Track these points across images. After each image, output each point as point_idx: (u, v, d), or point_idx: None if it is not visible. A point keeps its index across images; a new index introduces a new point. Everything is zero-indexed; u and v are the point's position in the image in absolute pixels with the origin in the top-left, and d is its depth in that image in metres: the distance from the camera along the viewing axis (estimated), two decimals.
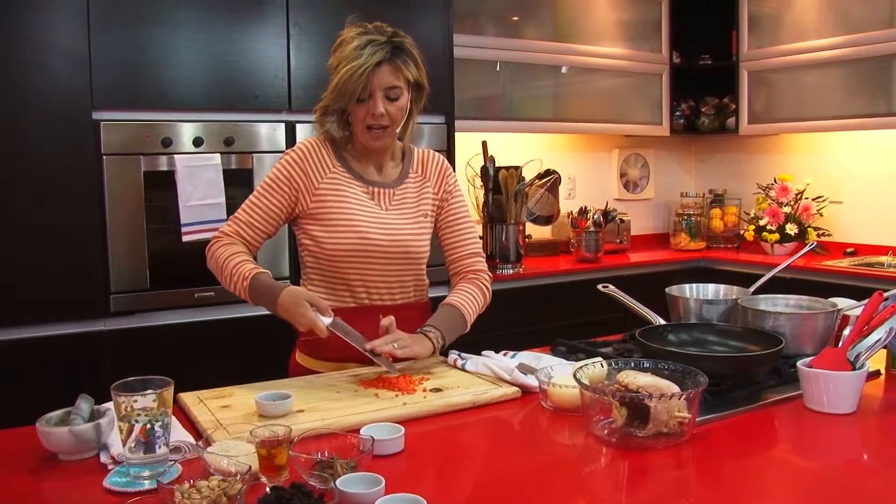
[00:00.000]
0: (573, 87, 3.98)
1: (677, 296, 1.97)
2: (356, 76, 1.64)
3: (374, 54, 1.64)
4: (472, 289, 1.87)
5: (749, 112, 4.07)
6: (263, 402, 1.44)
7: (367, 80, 1.65)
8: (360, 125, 1.72)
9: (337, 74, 1.67)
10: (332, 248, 1.74)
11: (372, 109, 1.68)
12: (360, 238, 1.74)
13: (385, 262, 1.78)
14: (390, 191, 1.81)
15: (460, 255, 1.90)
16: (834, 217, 3.94)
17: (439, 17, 3.17)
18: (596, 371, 1.50)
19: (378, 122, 1.70)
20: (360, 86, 1.65)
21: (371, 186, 1.80)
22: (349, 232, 1.73)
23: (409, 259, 1.81)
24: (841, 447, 1.40)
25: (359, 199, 1.77)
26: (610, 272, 3.71)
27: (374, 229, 1.75)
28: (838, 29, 3.65)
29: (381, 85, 1.67)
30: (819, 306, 1.84)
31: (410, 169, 1.87)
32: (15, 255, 2.47)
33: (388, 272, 1.80)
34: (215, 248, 1.76)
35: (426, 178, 1.88)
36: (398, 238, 1.78)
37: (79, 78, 2.52)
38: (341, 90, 1.67)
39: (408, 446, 1.32)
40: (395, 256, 1.78)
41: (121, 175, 2.60)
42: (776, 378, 1.63)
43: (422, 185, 1.86)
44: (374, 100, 1.68)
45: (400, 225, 1.79)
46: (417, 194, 1.85)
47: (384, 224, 1.77)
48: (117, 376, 1.37)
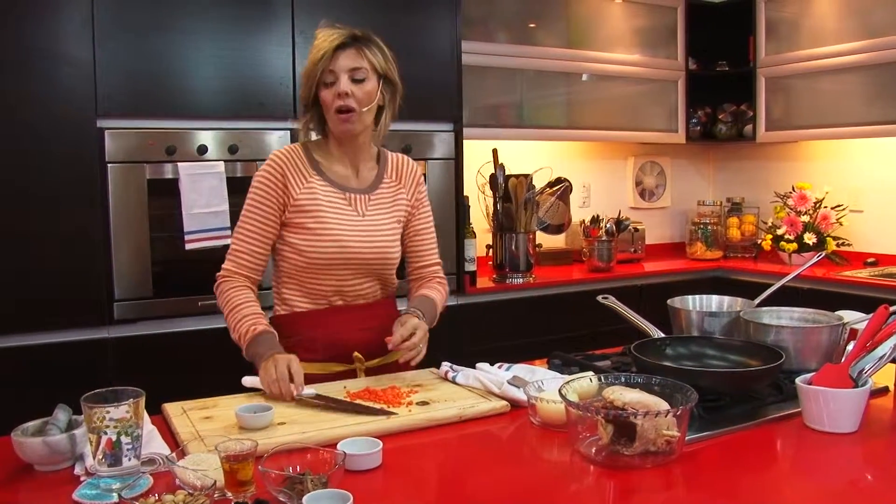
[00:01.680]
0: (587, 95, 3.93)
1: (679, 308, 1.91)
2: (318, 59, 1.71)
3: (334, 40, 1.72)
4: (437, 287, 1.93)
5: (766, 119, 3.99)
6: (243, 415, 1.41)
7: (329, 63, 1.71)
8: (331, 110, 1.74)
9: (307, 66, 1.75)
10: (312, 256, 1.76)
11: (337, 89, 1.71)
12: (340, 247, 1.76)
13: (362, 269, 1.80)
14: (366, 196, 1.83)
15: (425, 264, 1.95)
16: (854, 226, 3.84)
17: (447, 24, 3.14)
18: (586, 386, 1.45)
19: (345, 103, 1.71)
20: (321, 68, 1.71)
21: (348, 193, 1.81)
22: (328, 241, 1.75)
23: (384, 264, 1.83)
24: (841, 468, 1.34)
25: (337, 207, 1.78)
26: (622, 282, 3.66)
27: (353, 237, 1.77)
28: (857, 34, 3.57)
29: (344, 67, 1.72)
30: (825, 319, 1.77)
31: (385, 174, 1.88)
32: (19, 262, 2.48)
33: (364, 277, 1.82)
34: (222, 290, 1.78)
35: (401, 183, 1.89)
36: (375, 245, 1.80)
37: (83, 86, 2.52)
38: (307, 76, 1.74)
39: (386, 462, 1.28)
40: (372, 262, 1.81)
41: (125, 183, 2.60)
42: (776, 394, 1.58)
43: (396, 190, 1.88)
44: (339, 81, 1.71)
45: (376, 231, 1.81)
46: (392, 200, 1.87)
47: (361, 231, 1.79)
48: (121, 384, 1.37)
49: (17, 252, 2.47)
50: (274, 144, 2.80)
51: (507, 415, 1.54)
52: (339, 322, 1.80)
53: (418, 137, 3.10)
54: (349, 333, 1.80)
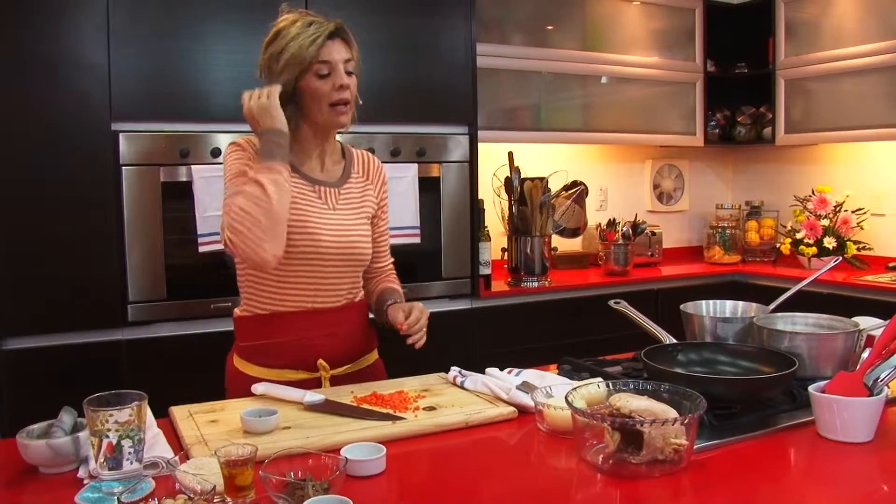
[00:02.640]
0: (604, 97, 3.90)
1: (692, 313, 1.88)
2: (311, 43, 1.61)
3: (321, 27, 1.63)
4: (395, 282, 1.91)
5: (786, 121, 3.94)
6: (248, 419, 1.41)
7: (321, 52, 1.62)
8: (324, 102, 1.65)
9: (286, 53, 1.62)
10: (288, 253, 1.62)
11: (338, 81, 1.63)
12: (313, 240, 1.67)
13: (334, 266, 1.72)
14: (336, 190, 1.75)
15: (384, 264, 1.92)
16: (875, 230, 3.78)
17: (462, 27, 3.13)
18: (594, 392, 1.43)
19: (343, 96, 1.65)
20: (314, 52, 1.61)
21: (316, 185, 1.73)
22: (300, 234, 1.65)
23: (356, 261, 1.76)
24: (856, 478, 1.31)
25: (307, 198, 1.70)
26: (639, 286, 3.62)
27: (325, 230, 1.69)
28: (879, 34, 3.51)
29: (339, 57, 1.64)
30: (841, 326, 1.74)
31: (353, 169, 1.82)
32: (34, 264, 2.50)
33: (336, 274, 1.73)
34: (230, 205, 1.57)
35: (369, 180, 1.84)
36: (348, 239, 1.73)
37: (98, 89, 2.54)
38: (292, 62, 1.61)
39: (391, 468, 1.27)
40: (345, 258, 1.73)
41: (139, 186, 2.62)
42: (790, 402, 1.54)
43: (364, 187, 1.82)
44: (338, 71, 1.64)
45: (348, 225, 1.74)
46: (361, 196, 1.80)
47: (333, 224, 1.71)
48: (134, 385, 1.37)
49: (31, 254, 2.49)
50: None
51: (515, 421, 1.52)
52: (303, 326, 1.71)
53: (433, 140, 3.09)
54: (314, 339, 1.71)
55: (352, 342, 1.77)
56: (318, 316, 1.72)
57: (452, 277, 3.17)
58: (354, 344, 1.78)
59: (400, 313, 1.69)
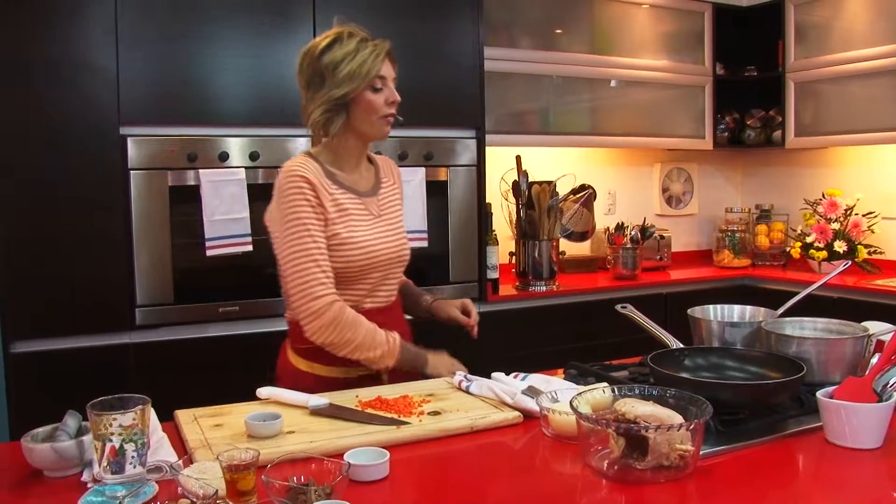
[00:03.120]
0: (613, 101, 3.89)
1: (699, 318, 1.87)
2: (373, 60, 1.73)
3: (379, 46, 1.76)
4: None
5: (796, 124, 3.91)
6: (252, 423, 1.41)
7: (381, 66, 1.74)
8: (376, 114, 1.76)
9: (347, 65, 1.72)
10: (343, 267, 1.75)
11: (391, 97, 1.77)
12: (367, 254, 1.78)
13: (386, 269, 1.84)
14: (375, 198, 1.86)
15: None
16: (887, 234, 3.75)
17: (470, 31, 3.13)
18: (599, 397, 1.42)
19: (393, 110, 1.79)
20: (376, 69, 1.73)
21: (363, 197, 1.83)
22: (360, 251, 1.77)
23: (402, 261, 1.89)
24: (864, 485, 1.29)
25: (360, 214, 1.80)
26: (647, 290, 3.61)
27: (376, 241, 1.80)
28: (889, 37, 3.48)
29: (391, 75, 1.79)
30: (850, 331, 1.72)
31: (382, 174, 1.92)
32: (42, 267, 2.51)
33: (387, 277, 1.86)
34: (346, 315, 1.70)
35: (395, 182, 1.96)
36: (395, 244, 1.85)
37: (106, 93, 2.56)
38: (355, 75, 1.71)
39: (394, 472, 1.27)
40: (394, 261, 1.85)
41: (147, 190, 2.62)
42: (798, 408, 1.53)
43: (392, 190, 1.93)
44: (391, 87, 1.78)
45: (391, 231, 1.86)
46: (393, 199, 1.92)
47: (381, 233, 1.82)
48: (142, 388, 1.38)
49: (39, 257, 2.50)
50: (295, 151, 2.81)
51: (520, 426, 1.52)
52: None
53: (440, 144, 3.09)
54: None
55: (403, 337, 1.82)
56: (371, 316, 1.78)
57: (460, 281, 3.16)
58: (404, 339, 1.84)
59: (456, 311, 1.94)
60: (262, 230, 2.71)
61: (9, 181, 2.47)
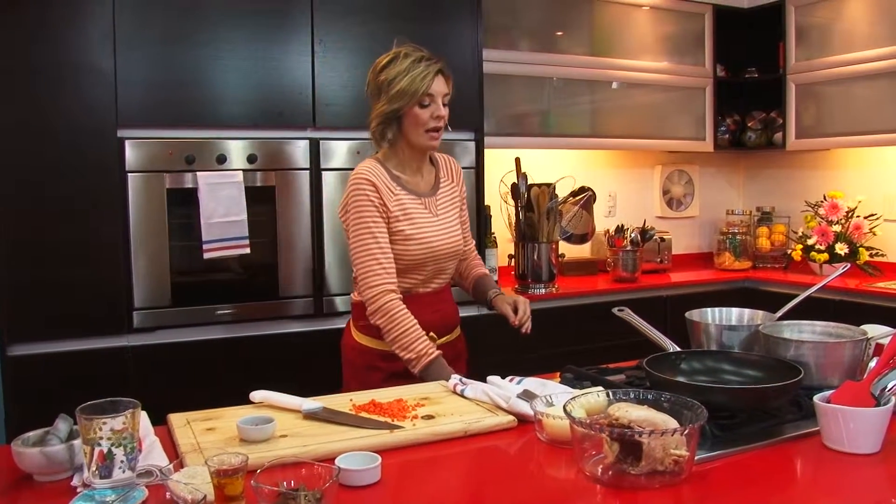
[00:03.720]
0: (613, 102, 3.88)
1: (697, 321, 1.86)
2: (421, 79, 1.91)
3: (430, 65, 1.93)
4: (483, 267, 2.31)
5: (797, 126, 3.90)
6: (244, 427, 1.40)
7: (430, 84, 1.92)
8: (422, 128, 1.95)
9: (399, 83, 1.91)
10: (406, 260, 1.99)
11: (436, 112, 1.95)
12: (427, 249, 2.01)
13: (442, 260, 2.06)
14: (434, 198, 2.07)
15: (469, 248, 2.25)
16: (889, 236, 3.73)
17: (469, 33, 3.12)
18: (593, 402, 1.41)
19: (439, 124, 1.96)
20: (423, 87, 1.91)
21: (423, 198, 2.04)
22: (419, 246, 2.00)
23: (456, 255, 2.11)
24: (861, 491, 1.28)
25: (420, 213, 2.01)
26: (648, 293, 3.59)
27: (434, 238, 2.02)
28: (890, 39, 3.47)
29: (440, 91, 1.95)
30: (848, 334, 1.71)
31: (441, 174, 2.12)
32: (39, 270, 2.50)
33: (443, 267, 2.08)
34: (394, 308, 1.93)
35: (453, 181, 2.15)
36: (449, 240, 2.06)
37: (104, 96, 2.55)
38: (404, 93, 1.91)
39: (386, 477, 1.26)
40: (449, 255, 2.07)
41: (145, 192, 2.62)
42: (795, 412, 1.52)
43: (451, 188, 2.13)
44: (437, 103, 1.95)
45: (448, 228, 2.06)
46: (451, 197, 2.12)
47: (438, 230, 2.03)
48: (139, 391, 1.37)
49: (36, 260, 2.50)
50: (293, 153, 2.81)
51: (515, 430, 1.50)
52: (414, 308, 1.97)
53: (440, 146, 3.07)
54: (424, 315, 1.99)
55: (450, 317, 2.12)
56: (426, 298, 2.06)
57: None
58: (451, 318, 2.13)
59: (507, 307, 2.11)
60: (259, 233, 2.74)
61: (7, 183, 2.46)
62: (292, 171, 2.81)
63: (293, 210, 2.81)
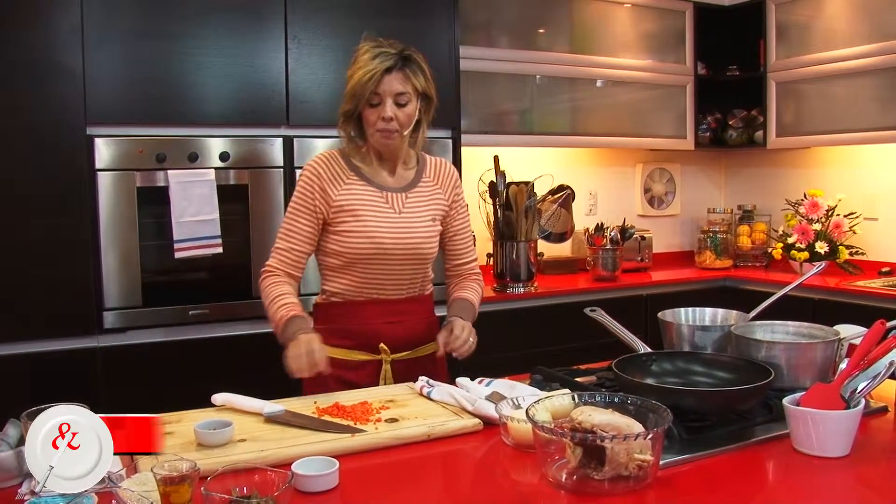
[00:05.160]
0: (593, 100, 3.85)
1: (669, 321, 1.84)
2: (366, 80, 1.78)
3: (383, 62, 1.79)
4: (473, 286, 2.06)
5: (778, 124, 3.89)
6: (201, 431, 1.36)
7: (377, 85, 1.79)
8: (372, 128, 1.84)
9: (351, 81, 1.82)
10: (350, 253, 1.86)
11: (382, 113, 1.81)
12: (375, 244, 1.85)
13: (397, 263, 1.89)
14: (403, 194, 1.92)
15: (463, 261, 2.07)
16: (868, 234, 3.73)
17: (445, 30, 3.09)
18: (559, 404, 1.38)
19: (387, 126, 1.82)
20: (369, 89, 1.79)
21: (384, 191, 1.90)
22: (364, 239, 1.85)
23: (418, 259, 1.92)
24: (830, 494, 1.26)
25: (374, 203, 1.88)
26: (627, 292, 3.57)
27: (387, 234, 1.86)
28: (871, 37, 3.46)
29: (390, 91, 1.80)
30: (821, 334, 1.69)
31: (424, 174, 1.99)
32: (7, 269, 2.45)
33: (399, 271, 1.91)
34: (264, 285, 1.88)
35: (438, 184, 1.99)
36: (410, 241, 1.89)
37: (73, 93, 2.50)
38: (353, 94, 1.82)
39: (344, 483, 1.23)
40: (406, 257, 1.90)
41: (115, 191, 2.57)
42: (766, 414, 1.50)
43: (433, 191, 1.98)
44: (384, 104, 1.81)
45: (412, 227, 1.90)
46: (429, 198, 1.96)
47: (397, 227, 1.88)
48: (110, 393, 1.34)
49: (4, 259, 2.44)
50: (266, 151, 2.76)
51: (480, 433, 1.48)
52: (369, 314, 1.89)
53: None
54: (378, 325, 1.89)
55: (413, 331, 1.94)
56: (382, 305, 1.91)
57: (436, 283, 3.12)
58: (416, 332, 1.94)
59: (444, 332, 1.89)
60: (232, 232, 2.70)
61: None
62: (266, 169, 2.77)
63: (267, 209, 2.77)
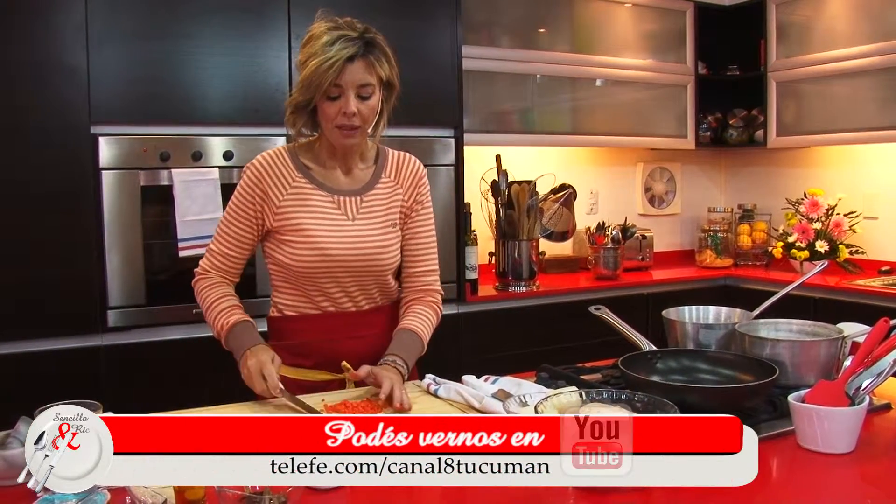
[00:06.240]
0: (594, 100, 3.87)
1: (674, 319, 1.85)
2: (325, 70, 1.55)
3: (345, 49, 1.56)
4: (426, 311, 1.80)
5: (778, 124, 3.90)
6: None
7: (338, 76, 1.56)
8: (330, 124, 1.62)
9: (305, 69, 1.59)
10: (295, 265, 1.69)
11: (344, 108, 1.59)
12: (322, 256, 1.68)
13: (348, 275, 1.72)
14: (358, 198, 1.73)
15: (419, 272, 1.82)
16: (868, 233, 3.75)
17: (448, 29, 3.10)
18: (566, 402, 1.39)
19: (349, 122, 1.61)
20: (328, 80, 1.55)
21: (336, 196, 1.71)
22: (309, 250, 1.67)
23: (373, 270, 1.73)
24: (836, 491, 1.27)
25: (322, 211, 1.69)
26: (629, 290, 3.59)
27: (337, 245, 1.68)
28: (871, 36, 3.48)
29: (353, 82, 1.58)
30: (824, 332, 1.70)
31: (383, 173, 1.77)
32: (12, 269, 2.46)
33: (351, 284, 1.73)
34: (198, 289, 1.76)
35: (398, 184, 1.78)
36: (363, 251, 1.71)
37: (77, 93, 2.51)
38: (308, 85, 1.58)
39: None
40: (359, 269, 1.72)
41: (119, 190, 2.58)
42: (771, 411, 1.51)
43: (393, 191, 1.77)
44: (347, 98, 1.59)
45: (365, 236, 1.71)
46: (387, 201, 1.76)
47: (349, 237, 1.70)
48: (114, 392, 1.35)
49: (9, 258, 2.45)
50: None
51: None
52: (328, 329, 1.73)
53: (418, 143, 3.05)
54: (339, 342, 1.72)
55: (379, 345, 1.72)
56: (342, 319, 1.74)
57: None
58: (382, 347, 1.72)
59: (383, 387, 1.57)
60: None
61: None
62: None
63: None
